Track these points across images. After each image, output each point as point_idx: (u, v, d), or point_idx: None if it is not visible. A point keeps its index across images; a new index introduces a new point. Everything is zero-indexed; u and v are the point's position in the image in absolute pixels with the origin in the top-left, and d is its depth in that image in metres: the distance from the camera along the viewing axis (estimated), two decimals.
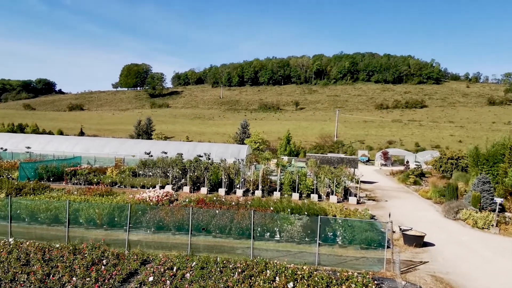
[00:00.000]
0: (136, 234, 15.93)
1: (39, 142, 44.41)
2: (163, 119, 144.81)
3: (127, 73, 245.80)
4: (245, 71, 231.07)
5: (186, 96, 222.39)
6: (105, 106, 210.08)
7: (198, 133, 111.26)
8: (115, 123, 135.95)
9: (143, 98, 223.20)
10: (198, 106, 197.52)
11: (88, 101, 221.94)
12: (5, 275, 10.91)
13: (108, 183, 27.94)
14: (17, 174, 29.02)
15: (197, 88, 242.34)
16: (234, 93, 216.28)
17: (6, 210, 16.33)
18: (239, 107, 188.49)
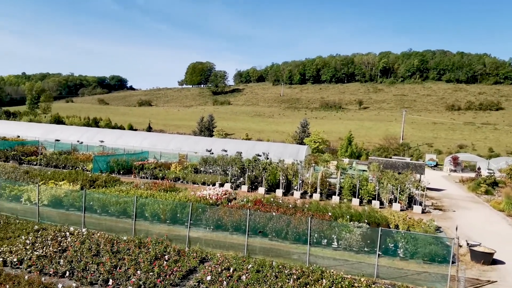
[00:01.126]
0: (196, 231, 16.49)
1: (111, 136, 47.68)
2: (224, 116, 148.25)
3: (192, 71, 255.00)
4: (307, 68, 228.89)
5: (247, 93, 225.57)
6: (171, 102, 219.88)
7: (257, 130, 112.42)
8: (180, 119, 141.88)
9: (206, 95, 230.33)
10: (259, 103, 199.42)
11: (156, 97, 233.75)
12: (77, 264, 11.86)
13: (172, 178, 29.24)
14: (91, 166, 31.37)
15: (258, 85, 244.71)
16: (294, 91, 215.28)
17: (80, 201, 17.72)
18: (299, 105, 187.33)
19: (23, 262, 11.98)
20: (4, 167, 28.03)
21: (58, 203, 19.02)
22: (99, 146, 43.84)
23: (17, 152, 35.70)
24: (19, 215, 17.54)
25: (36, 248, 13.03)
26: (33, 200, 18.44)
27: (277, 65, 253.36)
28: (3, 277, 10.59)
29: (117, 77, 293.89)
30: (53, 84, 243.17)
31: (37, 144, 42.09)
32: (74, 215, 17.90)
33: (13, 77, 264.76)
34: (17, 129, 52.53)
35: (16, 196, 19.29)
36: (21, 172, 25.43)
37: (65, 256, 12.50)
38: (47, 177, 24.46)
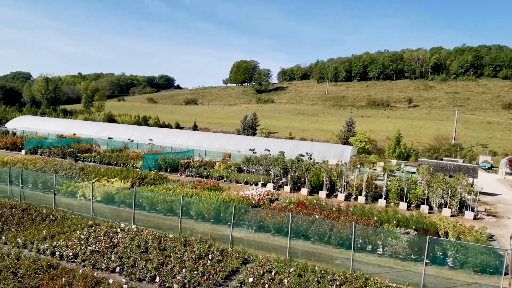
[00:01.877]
0: (239, 231, 16.72)
1: (159, 135, 49.43)
2: (268, 114, 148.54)
3: (236, 70, 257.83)
4: (353, 65, 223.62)
5: (290, 91, 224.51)
6: (216, 101, 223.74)
7: (301, 129, 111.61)
8: (224, 117, 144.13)
9: (249, 93, 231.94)
10: (302, 101, 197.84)
11: (201, 96, 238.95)
12: (127, 260, 12.46)
13: (215, 177, 29.84)
14: (140, 164, 32.72)
15: (302, 83, 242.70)
16: (340, 89, 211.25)
17: (131, 198, 18.55)
18: (344, 103, 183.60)
19: (77, 256, 12.77)
20: (61, 163, 29.95)
21: (110, 199, 20.03)
22: (148, 144, 45.60)
23: (73, 149, 37.99)
24: (74, 211, 18.71)
25: (89, 243, 13.83)
26: (88, 196, 19.54)
27: (322, 62, 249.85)
28: (59, 271, 11.35)
29: (165, 77, 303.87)
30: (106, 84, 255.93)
31: (91, 141, 44.55)
32: (124, 211, 18.77)
33: (70, 77, 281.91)
34: (73, 127, 55.88)
35: (72, 192, 20.53)
36: (77, 169, 27.05)
37: (116, 251, 13.17)
38: (100, 174, 25.86)
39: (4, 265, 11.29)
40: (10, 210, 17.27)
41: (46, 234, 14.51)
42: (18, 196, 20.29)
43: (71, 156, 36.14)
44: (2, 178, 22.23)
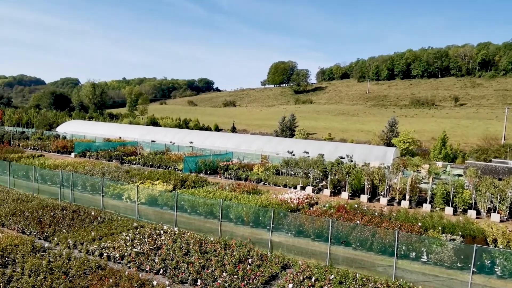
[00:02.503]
0: (278, 236, 16.72)
1: (199, 137, 50.49)
2: (306, 115, 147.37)
3: (274, 71, 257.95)
4: (396, 63, 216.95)
5: (330, 91, 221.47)
6: (254, 102, 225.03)
7: (340, 130, 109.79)
8: (262, 118, 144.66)
9: (288, 94, 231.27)
10: (342, 101, 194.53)
11: (239, 98, 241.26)
12: (170, 262, 12.82)
13: (254, 180, 30.02)
14: (182, 166, 33.56)
15: (342, 83, 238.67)
16: (382, 88, 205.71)
17: (173, 201, 19.07)
18: (387, 102, 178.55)
19: (124, 258, 13.31)
20: (108, 166, 31.34)
21: (154, 201, 20.70)
22: (189, 147, 46.68)
23: (119, 152, 39.64)
24: (120, 212, 19.53)
25: (135, 244, 14.37)
26: (133, 199, 20.30)
27: (363, 61, 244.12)
28: (107, 272, 11.89)
29: (204, 80, 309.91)
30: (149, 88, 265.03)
31: (136, 144, 46.27)
32: (167, 213, 19.32)
33: (115, 82, 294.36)
34: (119, 131, 58.30)
35: (119, 194, 21.39)
36: (123, 172, 28.19)
37: (159, 253, 13.59)
38: (144, 176, 26.79)
39: (57, 265, 11.98)
40: (62, 212, 18.28)
41: (94, 236, 15.24)
42: (68, 198, 21.47)
43: (117, 159, 37.70)
44: (54, 180, 23.59)
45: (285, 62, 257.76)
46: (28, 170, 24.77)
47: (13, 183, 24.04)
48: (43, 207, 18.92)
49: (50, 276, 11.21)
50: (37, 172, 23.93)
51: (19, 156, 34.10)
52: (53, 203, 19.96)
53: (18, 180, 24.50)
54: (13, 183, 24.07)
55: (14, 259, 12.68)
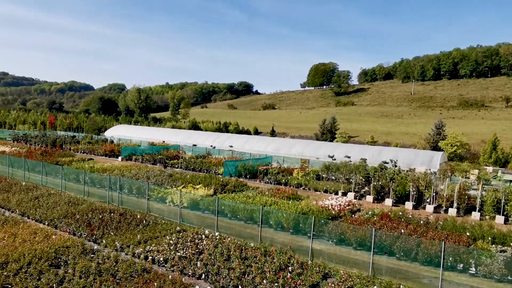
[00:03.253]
0: (319, 243, 16.51)
1: (239, 141, 51.01)
2: (347, 117, 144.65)
3: (314, 73, 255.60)
4: (442, 63, 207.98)
5: (372, 93, 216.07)
6: (294, 105, 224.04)
7: (384, 132, 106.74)
8: (301, 121, 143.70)
9: (328, 96, 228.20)
10: (386, 103, 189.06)
11: (279, 101, 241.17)
12: (211, 267, 13.03)
13: (294, 185, 29.86)
14: (222, 170, 34.05)
15: (385, 84, 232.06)
16: (427, 89, 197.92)
17: (214, 205, 19.36)
18: (433, 104, 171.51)
19: (167, 261, 13.70)
20: (152, 170, 32.42)
21: (196, 206, 21.14)
22: (229, 151, 47.28)
23: (162, 156, 40.87)
24: (164, 216, 20.12)
25: (178, 248, 14.74)
26: (176, 202, 20.86)
27: (407, 61, 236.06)
28: (152, 275, 12.28)
29: (244, 83, 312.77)
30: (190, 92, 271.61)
31: (178, 148, 47.50)
32: (208, 218, 19.65)
33: (159, 87, 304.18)
34: (162, 135, 60.14)
35: (162, 198, 22.06)
36: (166, 176, 29.04)
37: (201, 258, 13.86)
38: (186, 180, 27.46)
39: (105, 267, 12.53)
40: (110, 215, 19.11)
41: (140, 239, 15.80)
42: (116, 201, 22.40)
43: (160, 162, 38.91)
44: (103, 184, 24.71)
45: (326, 64, 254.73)
46: (78, 174, 26.14)
47: (65, 186, 25.44)
48: (92, 210, 19.88)
49: (99, 278, 11.75)
50: (87, 176, 25.17)
51: (70, 160, 36.10)
52: (101, 206, 20.92)
53: (70, 183, 25.90)
54: (64, 186, 25.47)
55: (66, 260, 13.41)
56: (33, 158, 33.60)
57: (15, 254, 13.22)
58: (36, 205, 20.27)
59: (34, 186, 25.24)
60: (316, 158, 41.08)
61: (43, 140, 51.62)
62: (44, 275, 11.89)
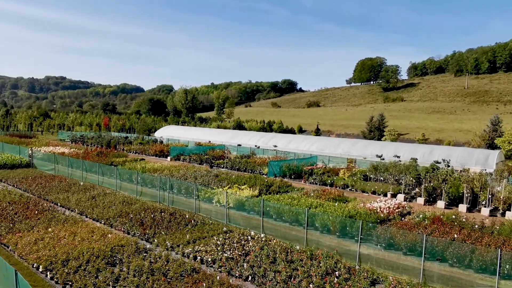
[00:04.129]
0: (366, 248, 16.17)
1: (283, 141, 51.04)
2: (396, 114, 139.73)
3: (360, 68, 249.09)
4: (498, 55, 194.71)
5: (423, 88, 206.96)
6: (339, 102, 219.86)
7: (436, 129, 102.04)
8: (347, 118, 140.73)
9: (376, 92, 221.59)
10: (437, 98, 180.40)
11: (324, 98, 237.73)
12: (258, 269, 13.22)
13: (340, 185, 29.41)
14: (266, 170, 34.26)
15: (436, 78, 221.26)
16: (482, 82, 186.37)
17: (259, 206, 19.57)
18: (488, 98, 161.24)
19: (215, 262, 14.07)
20: (199, 170, 33.31)
21: (241, 206, 21.45)
22: (273, 150, 47.44)
23: (208, 156, 41.85)
24: (211, 216, 20.66)
25: (225, 249, 15.10)
26: (222, 202, 21.30)
27: (460, 53, 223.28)
28: (200, 275, 12.69)
29: (287, 81, 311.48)
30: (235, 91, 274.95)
31: (223, 148, 48.41)
32: (253, 218, 19.88)
33: (204, 87, 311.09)
34: (208, 135, 61.56)
35: (209, 198, 22.60)
36: (212, 176, 29.73)
37: (248, 260, 14.09)
38: (232, 181, 27.95)
39: (157, 266, 13.11)
40: (160, 214, 19.92)
41: (189, 238, 16.35)
42: (166, 201, 23.31)
43: (207, 162, 39.85)
44: (154, 184, 25.75)
45: (373, 59, 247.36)
46: (131, 174, 27.43)
47: (120, 186, 26.82)
48: (144, 209, 20.83)
49: (152, 277, 12.32)
50: (139, 176, 26.35)
51: (124, 160, 37.95)
52: (153, 206, 21.85)
53: (124, 183, 27.24)
54: (119, 186, 26.86)
55: (121, 258, 14.17)
56: (90, 159, 35.70)
57: (75, 252, 14.17)
58: (93, 205, 21.56)
59: (91, 186, 26.85)
60: (363, 158, 40.17)
61: (99, 141, 54.66)
62: (101, 273, 12.65)
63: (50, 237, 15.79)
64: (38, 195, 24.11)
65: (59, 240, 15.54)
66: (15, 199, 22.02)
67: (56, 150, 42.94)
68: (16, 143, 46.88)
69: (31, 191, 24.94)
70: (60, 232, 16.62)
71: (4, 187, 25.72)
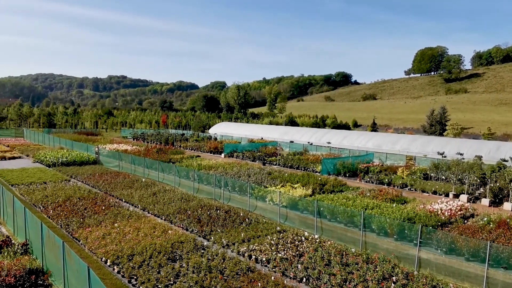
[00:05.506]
0: (425, 252, 15.55)
1: (337, 137, 50.16)
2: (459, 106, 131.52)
3: (420, 58, 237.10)
4: None
5: (488, 78, 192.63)
6: (397, 94, 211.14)
7: (503, 123, 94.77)
8: (406, 112, 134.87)
9: (437, 83, 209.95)
10: (505, 89, 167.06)
11: (380, 90, 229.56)
12: (312, 271, 13.25)
13: (398, 185, 28.41)
14: (319, 168, 33.95)
15: (504, 67, 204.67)
16: None
17: (312, 206, 19.50)
18: None
19: (269, 262, 14.31)
20: (252, 167, 33.81)
21: (294, 205, 21.48)
22: (326, 147, 46.82)
23: (261, 153, 42.30)
24: (264, 215, 20.96)
25: (279, 249, 15.28)
26: (275, 201, 21.49)
27: None
28: (255, 275, 12.97)
29: (341, 73, 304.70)
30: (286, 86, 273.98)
31: (276, 145, 48.60)
32: (307, 218, 19.85)
33: (256, 83, 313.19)
34: (260, 131, 62.11)
35: (262, 196, 22.90)
36: (265, 173, 30.06)
37: (302, 261, 14.16)
38: (284, 179, 28.07)
39: (214, 264, 13.61)
40: (216, 212, 20.56)
41: (244, 237, 16.76)
42: (221, 199, 23.98)
43: (259, 159, 40.30)
44: (209, 181, 26.57)
45: (433, 48, 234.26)
46: (188, 172, 28.50)
47: (178, 182, 28.01)
48: (201, 206, 21.62)
49: (209, 274, 12.82)
50: (195, 174, 27.32)
51: (181, 157, 39.53)
52: (209, 203, 22.61)
53: (182, 179, 28.38)
54: (178, 182, 28.05)
55: (180, 255, 14.88)
56: (150, 156, 37.60)
57: (139, 248, 15.10)
58: (154, 201, 22.75)
59: (152, 183, 28.31)
60: (423, 155, 38.39)
61: (158, 139, 57.34)
62: (163, 269, 13.39)
63: (117, 232, 16.93)
64: (104, 191, 25.90)
65: (124, 235, 16.62)
66: (84, 195, 23.83)
67: (119, 147, 45.70)
68: (84, 141, 50.52)
69: (98, 187, 26.82)
70: (125, 227, 17.75)
71: (75, 183, 27.92)
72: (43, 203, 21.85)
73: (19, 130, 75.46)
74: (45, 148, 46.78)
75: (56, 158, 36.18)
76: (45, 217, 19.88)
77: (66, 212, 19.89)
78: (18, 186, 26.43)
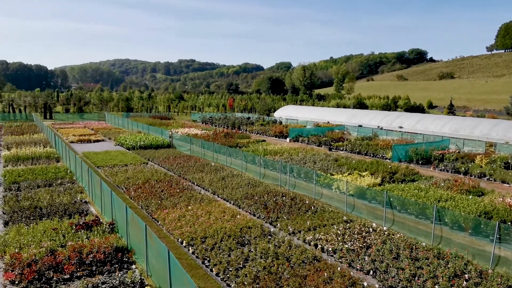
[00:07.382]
0: (503, 249, 14.63)
1: (409, 121, 47.78)
2: None
3: (504, 33, 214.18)
4: None
5: None
6: (477, 72, 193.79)
7: None
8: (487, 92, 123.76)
9: None
10: None
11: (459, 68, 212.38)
12: (380, 264, 13.18)
13: (475, 174, 26.62)
14: (390, 154, 32.78)
15: None
16: None
17: (381, 196, 19.11)
18: None
19: (336, 252, 14.46)
20: (318, 153, 33.68)
21: (362, 195, 21.20)
22: (398, 132, 44.90)
23: (327, 138, 41.81)
24: (330, 203, 20.99)
25: (345, 240, 15.34)
26: (342, 189, 21.35)
27: None
28: (321, 264, 13.23)
29: (416, 50, 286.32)
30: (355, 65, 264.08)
31: (343, 129, 47.69)
32: (375, 208, 19.51)
33: (322, 62, 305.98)
34: (326, 115, 61.10)
35: (328, 184, 22.86)
36: (331, 160, 29.82)
37: (369, 253, 14.11)
38: (352, 166, 27.64)
39: (280, 251, 14.10)
40: (281, 198, 21.02)
41: (309, 225, 17.03)
42: (286, 185, 24.37)
43: (325, 144, 39.93)
44: (275, 166, 27.06)
45: None
46: (254, 157, 29.25)
47: (246, 167, 28.91)
48: (267, 192, 22.23)
49: (277, 261, 13.33)
50: (261, 159, 27.95)
51: (247, 142, 40.56)
52: (274, 189, 23.16)
53: (248, 164, 29.24)
54: (245, 167, 28.96)
55: (249, 239, 15.60)
56: (218, 141, 39.09)
57: (211, 231, 16.09)
58: (223, 185, 23.82)
59: (221, 167, 29.54)
60: (505, 142, 35.29)
61: (225, 122, 59.18)
62: (233, 252, 14.19)
63: (190, 215, 18.15)
64: (178, 174, 27.61)
65: (197, 218, 17.77)
66: (161, 178, 25.66)
67: (190, 131, 48.05)
68: (158, 125, 53.85)
69: (173, 170, 28.65)
70: (198, 210, 18.92)
71: (152, 166, 30.10)
72: (125, 185, 23.97)
73: (101, 114, 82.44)
74: (125, 132, 50.71)
75: (135, 142, 39.14)
76: (128, 198, 21.83)
77: (146, 194, 21.65)
78: (103, 168, 29.16)
